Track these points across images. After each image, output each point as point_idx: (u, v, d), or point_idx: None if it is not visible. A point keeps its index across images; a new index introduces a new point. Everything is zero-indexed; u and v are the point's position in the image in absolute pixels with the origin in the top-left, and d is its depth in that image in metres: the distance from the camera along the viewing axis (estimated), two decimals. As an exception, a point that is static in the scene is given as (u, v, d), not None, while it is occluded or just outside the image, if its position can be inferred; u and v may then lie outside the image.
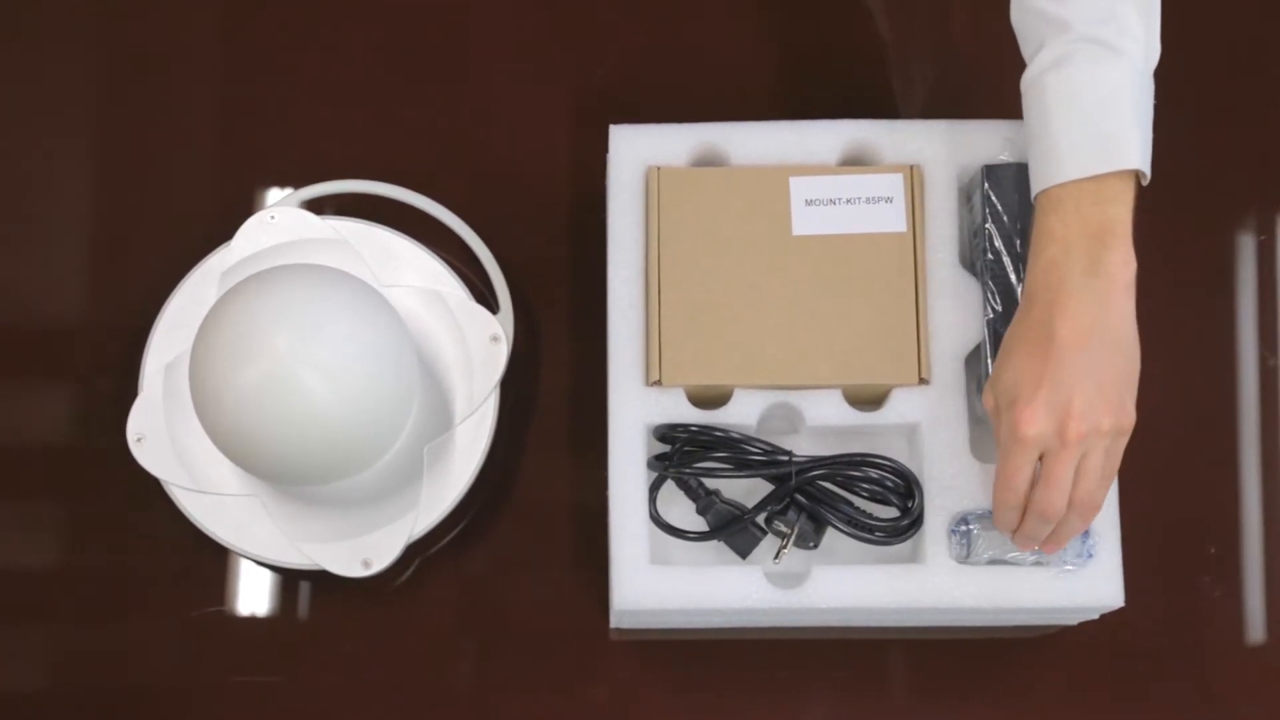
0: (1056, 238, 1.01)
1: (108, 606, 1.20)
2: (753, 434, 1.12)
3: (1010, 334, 1.04)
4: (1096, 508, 1.03)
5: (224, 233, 1.18)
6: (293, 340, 1.04)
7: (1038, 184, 1.04)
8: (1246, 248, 1.25)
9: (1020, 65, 1.04)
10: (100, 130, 1.29)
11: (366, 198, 1.21)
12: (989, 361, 1.12)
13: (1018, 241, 1.13)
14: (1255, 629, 1.19)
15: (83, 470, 1.21)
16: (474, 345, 1.16)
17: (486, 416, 1.15)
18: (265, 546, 1.14)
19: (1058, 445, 1.00)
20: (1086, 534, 1.08)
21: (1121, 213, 1.01)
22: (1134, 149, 1.01)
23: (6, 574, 1.22)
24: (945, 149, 1.16)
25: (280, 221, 1.18)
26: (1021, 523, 1.04)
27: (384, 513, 1.13)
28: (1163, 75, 1.03)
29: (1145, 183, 1.03)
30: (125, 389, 1.17)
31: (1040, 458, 1.01)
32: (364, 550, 1.12)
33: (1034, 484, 1.02)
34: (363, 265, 1.16)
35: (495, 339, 1.16)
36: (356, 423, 1.07)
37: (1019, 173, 1.13)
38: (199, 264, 1.18)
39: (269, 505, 1.14)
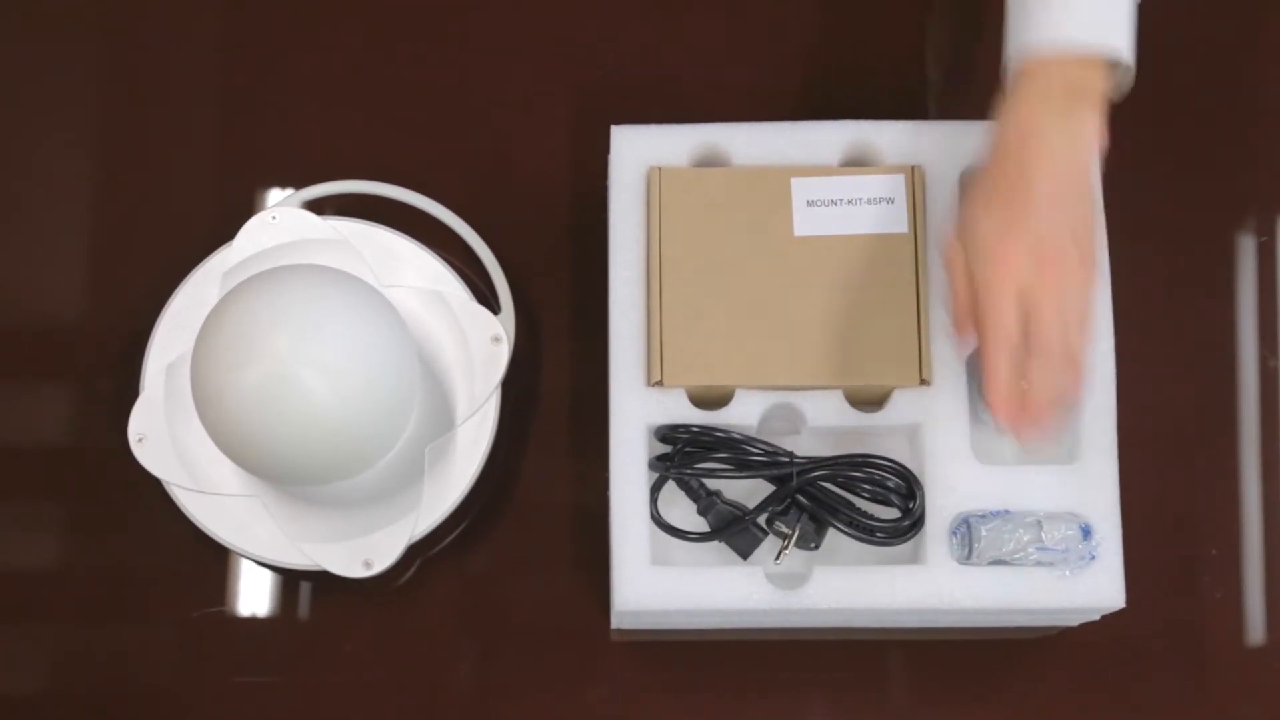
0: (1034, 91, 1.02)
1: (108, 606, 1.20)
2: (754, 435, 1.12)
3: (979, 186, 1.04)
4: (1080, 359, 1.02)
5: (225, 233, 1.18)
6: (294, 341, 1.04)
7: (1021, 52, 1.03)
8: (1246, 248, 1.25)
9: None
10: (101, 130, 1.28)
11: (368, 198, 1.21)
12: (990, 362, 1.12)
13: (1019, 242, 1.13)
14: (1256, 630, 1.19)
15: (83, 470, 1.21)
16: (475, 346, 1.16)
17: (488, 417, 1.15)
18: (266, 547, 1.14)
19: (1037, 283, 1.00)
20: (1089, 535, 1.08)
21: (1101, 87, 1.02)
22: (1127, 45, 1.02)
23: (7, 574, 1.22)
24: (947, 150, 1.16)
25: (281, 222, 1.18)
26: (1029, 388, 1.01)
27: (385, 513, 1.13)
28: (1164, 76, 1.03)
29: (1120, 96, 1.04)
30: (126, 389, 1.17)
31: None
32: (365, 550, 1.12)
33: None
34: (364, 266, 1.16)
35: (496, 339, 1.16)
36: (358, 423, 1.07)
37: (1020, 174, 1.14)
38: (200, 264, 1.18)
39: (270, 505, 1.14)
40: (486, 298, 1.19)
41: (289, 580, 1.20)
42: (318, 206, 1.20)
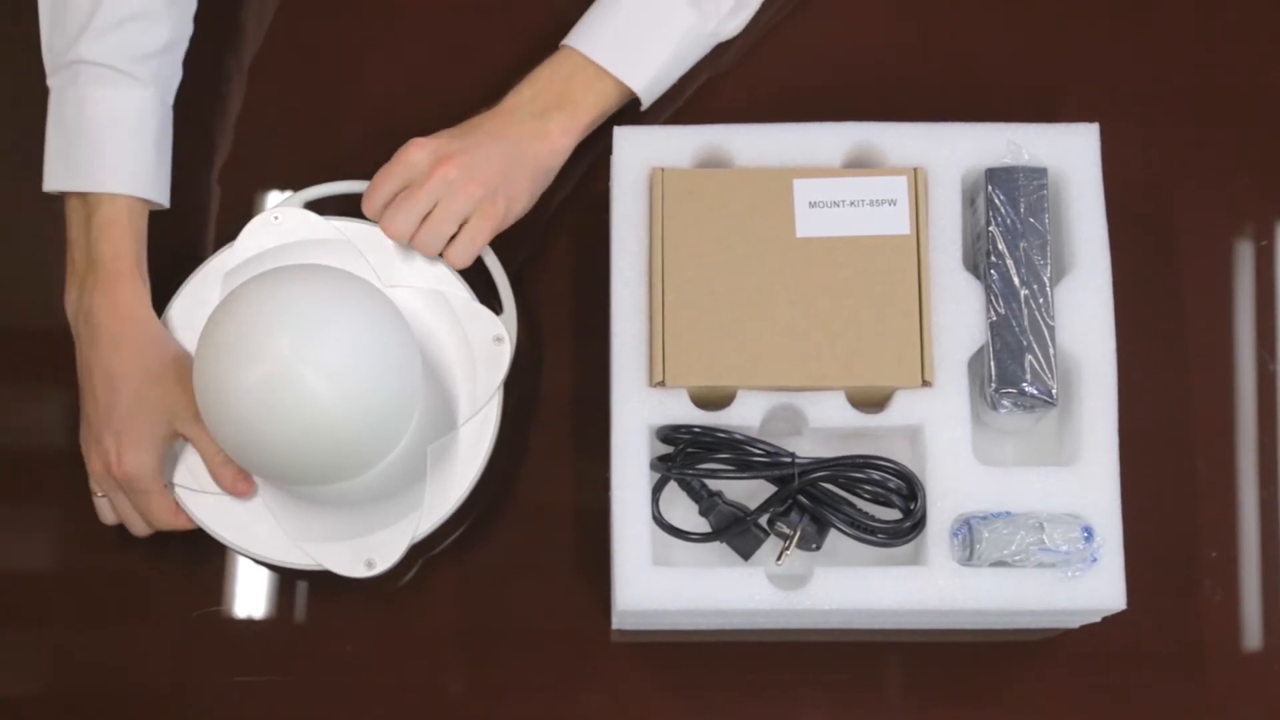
0: (543, 77, 1.19)
1: (108, 607, 1.20)
2: (756, 435, 1.12)
3: (453, 131, 1.18)
4: (434, 248, 1.16)
5: (227, 233, 1.18)
6: (296, 341, 1.04)
7: (570, 38, 1.20)
8: (1246, 251, 1.26)
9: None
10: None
11: (370, 198, 1.21)
12: (992, 364, 1.12)
13: (1021, 244, 1.13)
14: (1255, 632, 1.19)
15: (83, 470, 1.21)
16: (477, 346, 1.16)
17: (490, 417, 1.15)
18: (267, 546, 1.14)
19: (423, 179, 1.15)
20: (1091, 537, 1.09)
21: (595, 107, 1.19)
22: (643, 83, 1.19)
23: (7, 575, 1.22)
24: (949, 151, 1.16)
25: (284, 222, 1.18)
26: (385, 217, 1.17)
27: (387, 513, 1.13)
28: (1165, 77, 1.03)
29: (643, 107, 1.21)
30: (127, 389, 1.17)
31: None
32: (367, 550, 1.12)
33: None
34: (366, 266, 1.16)
35: (498, 340, 1.16)
36: (360, 423, 1.07)
37: (1023, 176, 1.14)
38: (202, 265, 1.18)
39: (272, 505, 1.14)
40: (488, 298, 1.19)
41: (289, 580, 1.20)
42: (320, 207, 1.20)
